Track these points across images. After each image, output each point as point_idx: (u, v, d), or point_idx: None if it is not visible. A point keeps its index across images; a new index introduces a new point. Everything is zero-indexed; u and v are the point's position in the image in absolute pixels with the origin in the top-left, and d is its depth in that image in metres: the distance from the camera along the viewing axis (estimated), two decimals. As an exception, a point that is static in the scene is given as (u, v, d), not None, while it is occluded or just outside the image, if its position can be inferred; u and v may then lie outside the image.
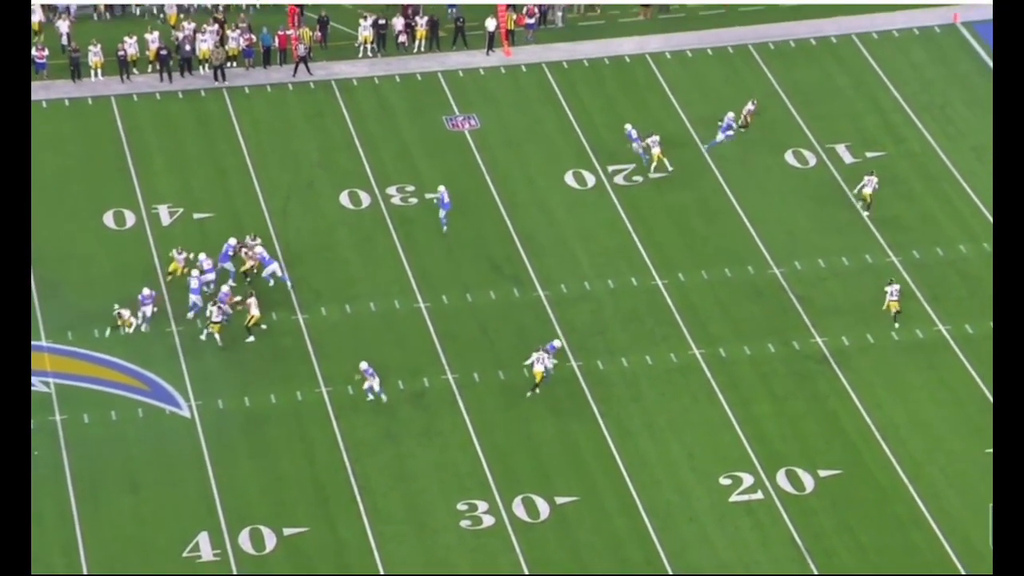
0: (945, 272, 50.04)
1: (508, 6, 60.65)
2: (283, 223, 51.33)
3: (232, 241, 48.68)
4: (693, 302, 48.61)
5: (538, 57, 59.79)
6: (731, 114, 54.88)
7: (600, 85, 58.38)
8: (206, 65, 58.12)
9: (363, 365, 44.80)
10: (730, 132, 54.68)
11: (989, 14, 62.11)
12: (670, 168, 53.86)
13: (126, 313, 46.49)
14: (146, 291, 46.80)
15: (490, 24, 60.01)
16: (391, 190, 52.99)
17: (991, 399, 45.40)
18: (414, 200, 52.39)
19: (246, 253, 48.58)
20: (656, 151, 53.68)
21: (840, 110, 57.26)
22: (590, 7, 62.65)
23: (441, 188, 51.36)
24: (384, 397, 44.81)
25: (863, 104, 57.64)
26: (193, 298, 47.14)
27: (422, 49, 60.05)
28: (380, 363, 45.65)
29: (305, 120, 56.34)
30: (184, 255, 48.23)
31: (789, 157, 55.02)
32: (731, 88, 58.31)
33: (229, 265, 48.54)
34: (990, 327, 47.56)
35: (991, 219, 52.08)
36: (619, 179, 53.65)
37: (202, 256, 47.90)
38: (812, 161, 54.83)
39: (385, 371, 45.59)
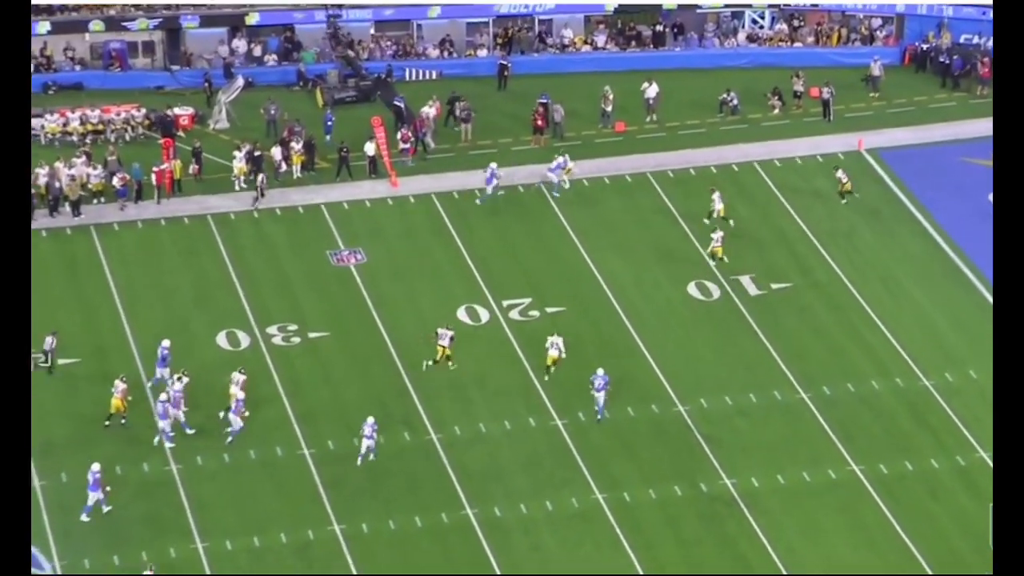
0: (857, 409, 50.51)
1: (385, 131, 61.15)
2: (155, 366, 50.64)
3: (166, 343, 49.50)
4: (595, 443, 48.64)
5: (427, 187, 60.34)
6: None
7: (493, 215, 58.95)
8: (67, 202, 57.66)
9: (370, 420, 46.76)
10: None
11: (894, 140, 64.54)
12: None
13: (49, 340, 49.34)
14: (95, 466, 45.33)
15: (369, 148, 60.46)
16: (272, 329, 52.87)
17: (909, 542, 45.74)
18: (297, 339, 52.30)
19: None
20: (569, 167, 60.03)
21: (744, 240, 58.10)
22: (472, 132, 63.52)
23: (492, 164, 58.90)
24: (372, 456, 46.91)
25: (767, 233, 58.61)
26: (161, 423, 47.49)
27: (298, 174, 60.39)
28: (261, 514, 45.20)
29: (179, 257, 56.24)
30: (124, 386, 48.12)
31: (692, 289, 55.66)
32: (629, 217, 59.13)
33: (166, 372, 49.16)
34: (906, 466, 48.31)
35: (903, 352, 52.90)
36: (514, 314, 53.96)
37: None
38: (716, 293, 55.46)
39: (266, 523, 45.15)
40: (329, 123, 63.05)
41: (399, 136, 61.64)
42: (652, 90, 65.77)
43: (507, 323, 53.63)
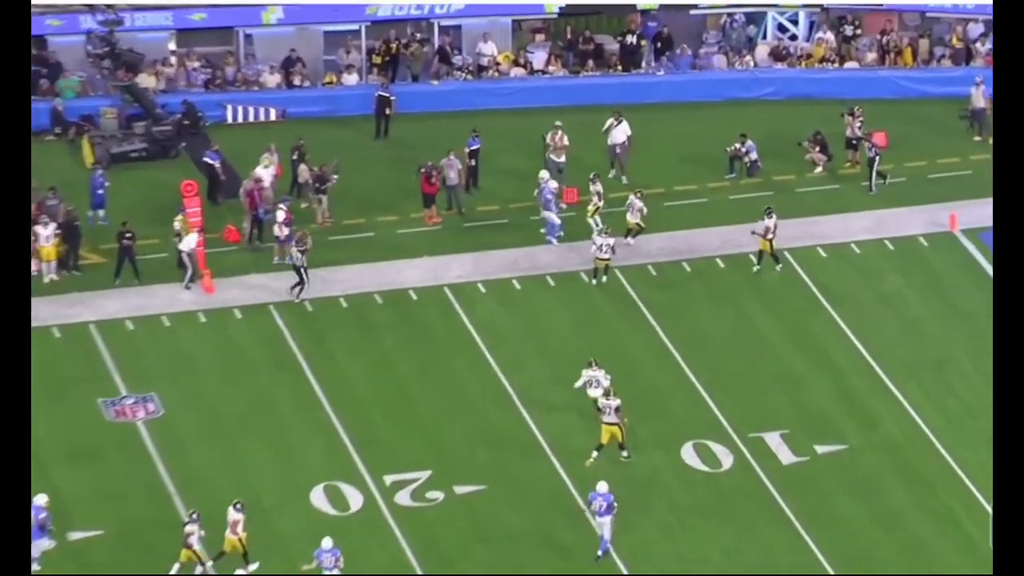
0: (953, 633, 51.89)
1: (201, 203, 62.12)
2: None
3: (41, 500, 50.83)
4: None
5: (261, 295, 61.10)
6: None
7: (369, 336, 59.54)
8: None
9: (327, 543, 49.72)
10: None
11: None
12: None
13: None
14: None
15: (190, 241, 60.84)
16: (12, 524, 52.49)
17: None
18: (49, 544, 51.53)
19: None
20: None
21: (768, 374, 58.61)
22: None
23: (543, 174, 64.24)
24: None
25: (805, 362, 59.28)
26: None
27: (52, 275, 61.03)
28: None
29: None
30: None
31: (688, 455, 55.96)
32: (582, 339, 59.61)
33: (45, 542, 50.88)
34: None
35: None
36: (403, 496, 54.05)
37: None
38: (727, 461, 55.87)
39: None
40: (100, 192, 63.69)
41: (282, 219, 61.74)
42: (620, 132, 67.06)
43: (392, 511, 53.65)
